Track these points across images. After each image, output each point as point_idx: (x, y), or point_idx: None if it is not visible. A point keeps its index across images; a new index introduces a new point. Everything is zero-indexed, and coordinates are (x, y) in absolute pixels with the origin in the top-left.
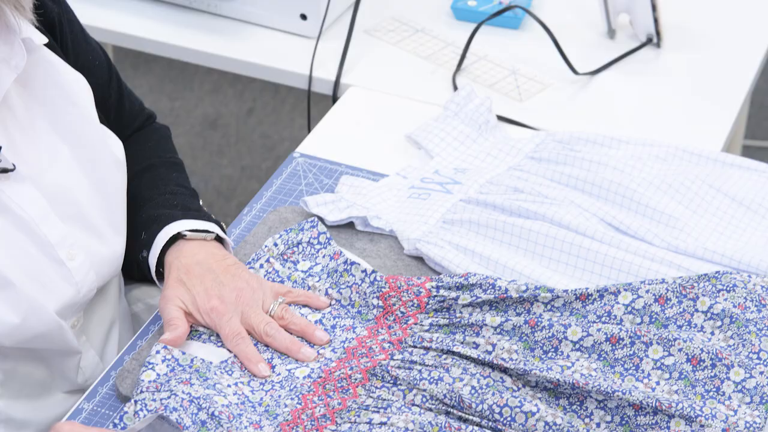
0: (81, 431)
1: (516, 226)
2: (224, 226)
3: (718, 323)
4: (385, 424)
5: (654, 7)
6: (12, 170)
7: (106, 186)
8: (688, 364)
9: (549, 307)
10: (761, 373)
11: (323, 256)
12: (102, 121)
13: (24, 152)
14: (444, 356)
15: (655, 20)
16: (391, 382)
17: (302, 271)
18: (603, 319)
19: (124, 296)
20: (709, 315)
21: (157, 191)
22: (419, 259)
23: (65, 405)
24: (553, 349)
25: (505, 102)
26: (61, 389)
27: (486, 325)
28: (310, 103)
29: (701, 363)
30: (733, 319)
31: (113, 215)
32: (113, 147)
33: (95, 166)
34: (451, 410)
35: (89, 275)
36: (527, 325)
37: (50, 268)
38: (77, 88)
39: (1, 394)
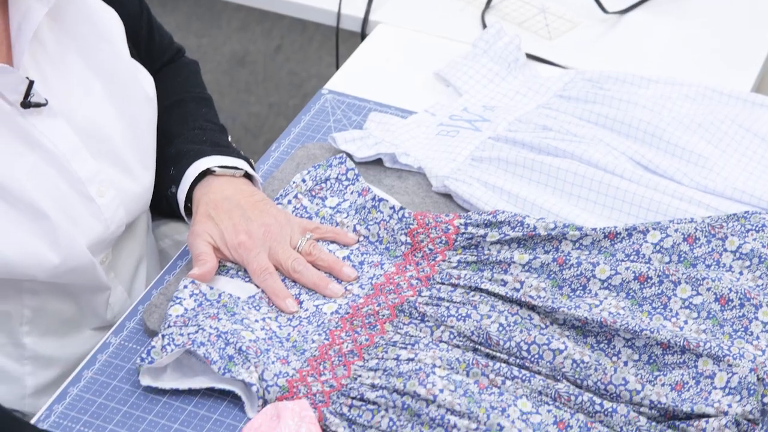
0: None
1: (544, 164)
2: (253, 163)
3: (747, 263)
4: (412, 360)
5: None
6: (44, 105)
7: (136, 122)
8: (717, 303)
9: (577, 245)
10: None
11: (351, 193)
12: (132, 55)
13: (56, 87)
14: (472, 293)
15: None
16: (419, 318)
17: (330, 207)
18: (631, 257)
19: (152, 232)
20: (737, 255)
21: (187, 127)
22: (447, 196)
23: (93, 341)
24: (581, 287)
25: (534, 40)
26: (89, 326)
27: (514, 262)
28: (339, 41)
29: (729, 303)
30: (762, 259)
31: (143, 152)
32: (144, 83)
33: (126, 102)
34: (479, 347)
35: (118, 212)
36: (555, 263)
37: (80, 204)
38: (109, 23)
39: (29, 332)
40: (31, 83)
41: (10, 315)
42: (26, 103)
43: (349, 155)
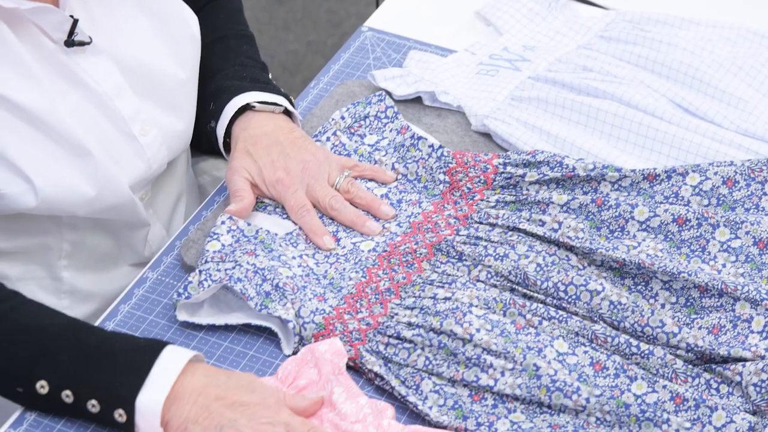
0: None
1: (584, 104)
2: (292, 100)
3: None
4: (449, 299)
5: None
6: (88, 43)
7: (182, 61)
8: (755, 247)
9: (616, 186)
10: None
11: (390, 130)
12: None
13: (102, 26)
14: (510, 233)
15: None
16: (456, 257)
17: (369, 145)
18: (670, 199)
19: (190, 168)
20: None
21: (228, 62)
22: (486, 135)
23: (130, 277)
24: (619, 229)
25: None
26: (127, 261)
27: (552, 203)
28: None
29: None
30: None
31: (186, 90)
32: (190, 22)
33: (172, 40)
34: (516, 287)
35: (161, 150)
36: (594, 204)
37: (123, 143)
38: None
39: (67, 266)
40: (75, 22)
41: (49, 249)
42: (70, 42)
43: (388, 93)
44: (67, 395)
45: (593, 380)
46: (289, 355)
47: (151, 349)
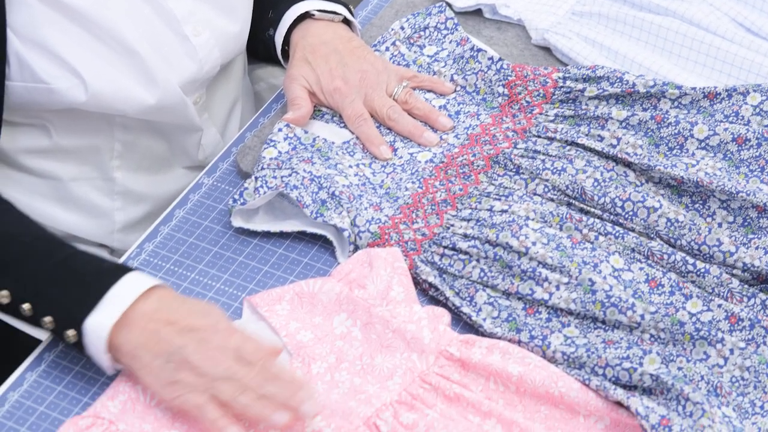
0: None
1: (646, 21)
2: (352, 9)
3: None
4: (506, 211)
5: None
6: None
7: None
8: None
9: (676, 103)
10: None
11: (450, 42)
12: None
13: None
14: (568, 147)
15: None
16: (514, 170)
17: (428, 56)
18: (730, 118)
19: (247, 75)
20: None
21: None
22: (546, 49)
23: (183, 181)
24: (678, 146)
25: None
26: (180, 164)
27: (612, 118)
28: None
29: None
30: None
31: None
32: None
33: None
34: (573, 202)
35: (213, 52)
36: (653, 121)
37: (175, 43)
38: None
39: (119, 166)
40: None
41: (101, 149)
42: None
43: (448, 4)
44: (25, 308)
45: (648, 297)
46: None
47: (113, 273)
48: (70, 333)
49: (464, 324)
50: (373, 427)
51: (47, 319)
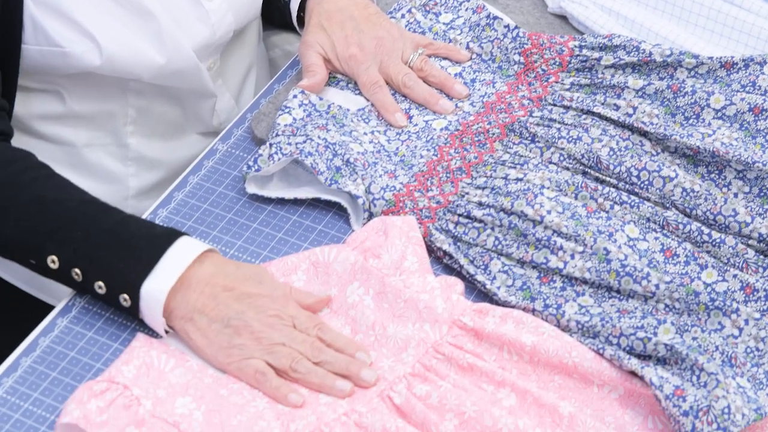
0: None
1: None
2: None
3: None
4: (521, 180)
5: None
6: None
7: None
8: None
9: (693, 73)
10: None
11: (466, 9)
12: None
13: None
14: (584, 116)
15: None
16: (529, 138)
17: (444, 24)
18: (747, 88)
19: (262, 41)
20: None
21: None
22: (562, 17)
23: (198, 147)
24: (694, 116)
25: None
26: (194, 130)
27: (628, 87)
28: None
29: None
30: None
31: None
32: None
33: None
34: (588, 170)
35: (226, 17)
36: (670, 90)
37: (188, 7)
38: None
39: (133, 132)
40: None
41: (115, 115)
42: None
43: None
44: (76, 273)
45: (663, 267)
46: None
47: (166, 238)
48: (124, 298)
49: (478, 292)
50: (386, 399)
51: (99, 283)
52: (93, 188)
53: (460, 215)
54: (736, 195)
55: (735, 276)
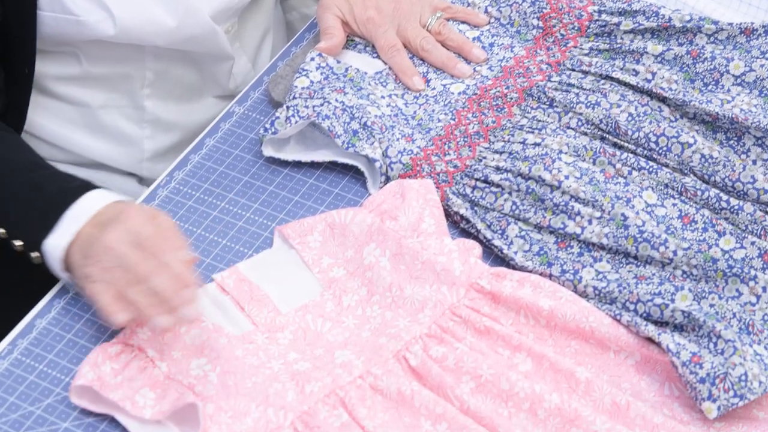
0: None
1: None
2: None
3: None
4: (539, 144)
5: None
6: None
7: None
8: None
9: (712, 39)
10: None
11: None
12: None
13: None
14: (602, 81)
15: None
16: (547, 103)
17: None
18: (767, 55)
19: (279, 4)
20: None
21: None
22: None
23: (214, 110)
24: (713, 82)
25: None
26: (211, 93)
27: (647, 52)
28: None
29: None
30: None
31: None
32: None
33: None
34: (607, 136)
35: None
36: (689, 56)
37: None
38: None
39: (149, 95)
40: None
41: (132, 77)
42: None
43: None
44: (2, 231)
45: (681, 233)
46: None
47: (75, 192)
48: (36, 255)
49: (495, 257)
50: (402, 360)
51: (17, 242)
52: (108, 150)
53: (477, 180)
54: (754, 162)
55: (753, 243)
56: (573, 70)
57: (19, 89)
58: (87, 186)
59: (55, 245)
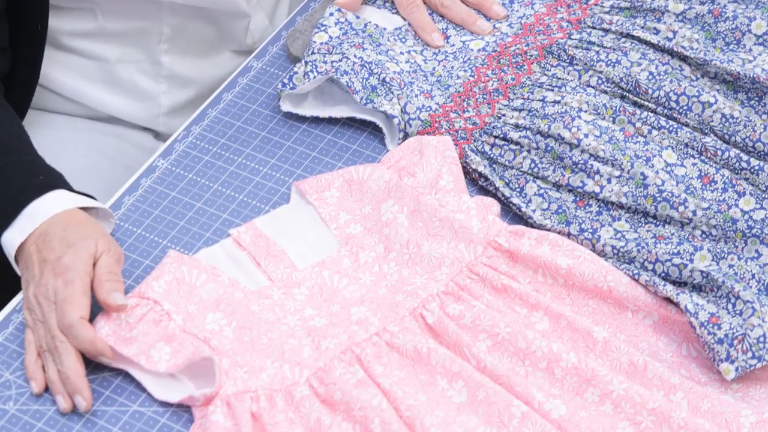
0: None
1: None
2: None
3: None
4: (558, 102)
5: None
6: None
7: None
8: None
9: None
10: None
11: None
12: None
13: None
14: (623, 39)
15: None
16: (567, 61)
17: None
18: None
19: None
20: None
21: None
22: None
23: (230, 65)
24: (735, 42)
25: None
26: (228, 49)
27: (668, 11)
28: None
29: None
30: None
31: None
32: None
33: None
34: (627, 94)
35: None
36: (711, 15)
37: None
38: None
39: (166, 50)
40: None
41: (149, 32)
42: None
43: None
44: None
45: (701, 193)
46: None
47: (38, 189)
48: None
49: (513, 215)
50: (419, 317)
51: None
52: (125, 105)
53: (496, 137)
54: None
55: None
56: (594, 27)
57: (32, 46)
58: (50, 184)
59: (11, 240)
